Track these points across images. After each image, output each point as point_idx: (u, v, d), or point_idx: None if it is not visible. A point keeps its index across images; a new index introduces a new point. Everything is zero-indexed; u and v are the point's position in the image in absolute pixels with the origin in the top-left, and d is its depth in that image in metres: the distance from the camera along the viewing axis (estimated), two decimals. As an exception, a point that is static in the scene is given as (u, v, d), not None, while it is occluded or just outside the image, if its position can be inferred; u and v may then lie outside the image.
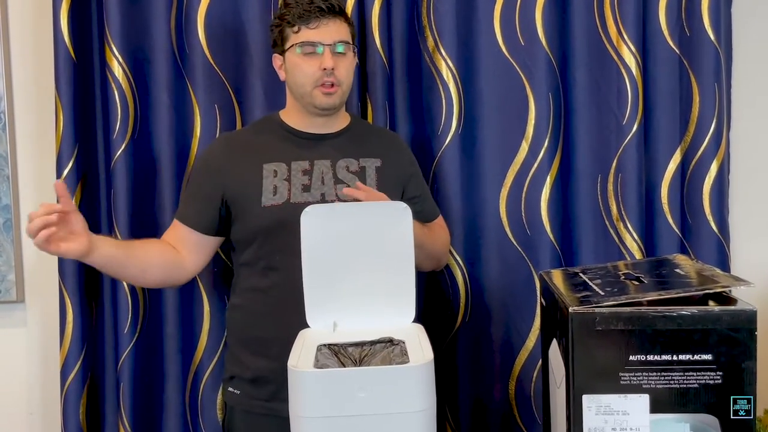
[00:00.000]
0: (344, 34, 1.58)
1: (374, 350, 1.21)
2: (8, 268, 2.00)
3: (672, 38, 1.87)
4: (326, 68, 1.53)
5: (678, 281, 1.12)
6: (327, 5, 1.55)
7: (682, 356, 0.99)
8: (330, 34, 1.55)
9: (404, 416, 1.05)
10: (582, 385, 1.02)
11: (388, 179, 1.63)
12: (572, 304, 1.03)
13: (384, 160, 1.64)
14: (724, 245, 1.90)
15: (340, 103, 1.60)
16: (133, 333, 1.89)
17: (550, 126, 1.87)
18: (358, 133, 1.68)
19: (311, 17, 1.54)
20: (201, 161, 1.69)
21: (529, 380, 1.90)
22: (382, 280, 1.28)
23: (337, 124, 1.66)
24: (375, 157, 1.64)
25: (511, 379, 1.91)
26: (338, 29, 1.57)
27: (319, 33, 1.55)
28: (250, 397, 1.60)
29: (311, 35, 1.55)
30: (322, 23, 1.55)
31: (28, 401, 2.07)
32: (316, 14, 1.54)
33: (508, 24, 1.87)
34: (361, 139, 1.67)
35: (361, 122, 1.78)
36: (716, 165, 1.87)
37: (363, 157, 1.63)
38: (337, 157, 1.61)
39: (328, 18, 1.55)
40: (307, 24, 1.55)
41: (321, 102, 1.57)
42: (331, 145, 1.63)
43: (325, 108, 1.59)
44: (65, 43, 1.84)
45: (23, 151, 2.01)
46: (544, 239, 1.89)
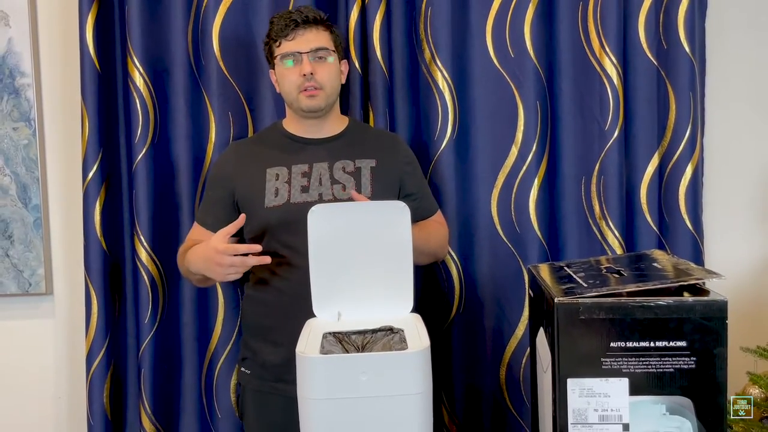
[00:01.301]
0: (323, 41, 1.59)
1: (375, 338, 1.21)
2: (38, 263, 2.00)
3: (650, 50, 1.87)
4: (305, 74, 1.56)
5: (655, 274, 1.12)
6: (302, 18, 1.58)
7: (659, 343, 1.00)
8: (307, 42, 1.58)
9: (403, 398, 1.06)
10: (567, 370, 1.02)
11: (382, 178, 1.63)
12: (558, 295, 1.03)
13: (379, 160, 1.64)
14: (698, 241, 1.90)
15: (326, 105, 1.61)
16: (153, 323, 1.90)
17: (538, 132, 1.87)
18: (355, 136, 1.69)
19: (289, 31, 1.58)
20: (214, 169, 1.71)
21: (518, 366, 1.90)
22: (383, 274, 1.28)
23: (334, 129, 1.67)
24: (370, 157, 1.64)
25: (501, 365, 1.92)
26: (316, 37, 1.59)
27: (296, 43, 1.58)
28: (259, 377, 1.61)
29: (290, 46, 1.58)
30: (298, 34, 1.58)
31: (55, 386, 2.07)
32: (292, 27, 1.57)
33: (499, 37, 1.88)
34: (358, 141, 1.68)
35: (359, 125, 1.78)
36: (691, 168, 1.88)
37: (358, 158, 1.63)
38: (333, 159, 1.62)
39: (304, 28, 1.58)
40: (286, 37, 1.58)
41: (305, 105, 1.59)
42: (328, 148, 1.64)
43: (311, 110, 1.60)
44: (90, 56, 1.84)
45: (51, 155, 2.02)
46: (532, 236, 1.89)
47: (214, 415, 1.94)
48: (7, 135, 1.98)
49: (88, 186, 1.87)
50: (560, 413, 1.03)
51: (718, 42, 1.97)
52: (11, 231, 1.99)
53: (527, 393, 1.89)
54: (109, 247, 1.91)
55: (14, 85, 1.97)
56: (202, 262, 1.50)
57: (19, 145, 1.98)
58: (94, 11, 1.84)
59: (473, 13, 1.87)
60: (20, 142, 1.98)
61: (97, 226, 1.88)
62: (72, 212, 2.00)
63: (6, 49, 1.96)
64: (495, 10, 1.87)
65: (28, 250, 2.00)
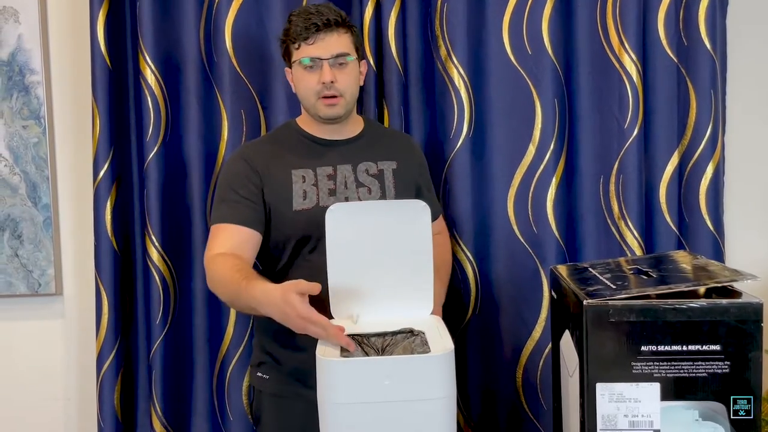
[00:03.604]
0: (344, 45, 1.53)
1: (395, 340, 1.19)
2: (47, 263, 1.99)
3: (670, 47, 1.85)
4: (325, 82, 1.50)
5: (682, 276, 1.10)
6: (323, 21, 1.50)
7: (692, 347, 0.97)
8: (327, 48, 1.51)
9: (426, 403, 1.04)
10: (595, 374, 1.00)
11: (403, 180, 1.61)
12: (586, 298, 1.01)
13: (399, 162, 1.63)
14: (719, 242, 1.87)
15: (345, 113, 1.56)
16: (164, 324, 1.88)
17: (556, 130, 1.85)
18: (374, 137, 1.66)
19: (309, 34, 1.50)
20: (235, 166, 1.57)
21: (535, 369, 1.87)
22: (402, 274, 1.26)
23: (353, 130, 1.64)
24: (391, 159, 1.62)
25: (518, 367, 1.89)
26: (337, 42, 1.52)
27: (316, 48, 1.51)
28: (278, 382, 1.58)
29: (310, 51, 1.51)
30: (319, 38, 1.50)
31: (65, 388, 2.06)
32: (313, 31, 1.50)
33: (516, 34, 1.85)
34: (377, 143, 1.65)
35: (375, 125, 1.75)
36: (712, 167, 1.85)
37: (380, 160, 1.61)
38: (357, 161, 1.59)
39: (324, 32, 1.51)
40: (306, 40, 1.51)
41: (324, 113, 1.54)
42: (350, 149, 1.61)
43: (329, 118, 1.55)
44: (101, 53, 1.83)
45: (62, 153, 2.00)
46: (549, 236, 1.86)
47: (226, 418, 1.92)
48: (17, 133, 1.96)
49: (99, 185, 1.86)
50: (589, 419, 1.01)
51: (739, 39, 1.94)
52: (21, 230, 1.97)
53: (545, 396, 1.87)
54: (119, 246, 1.89)
55: (24, 83, 1.95)
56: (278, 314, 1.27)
57: (29, 143, 1.96)
58: (105, 7, 1.82)
59: (490, 9, 1.85)
60: (30, 140, 1.96)
61: (108, 226, 1.86)
62: (82, 211, 1.99)
63: (16, 46, 1.94)
64: (512, 5, 1.84)
65: (38, 250, 1.98)
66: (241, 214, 1.51)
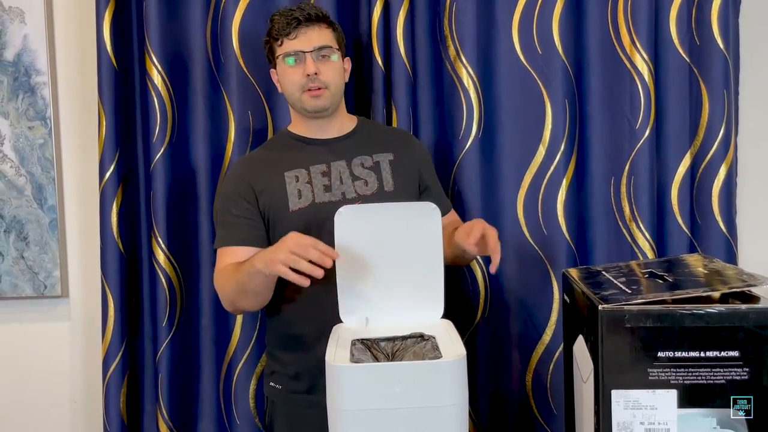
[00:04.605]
0: (326, 39, 1.55)
1: (405, 345, 1.18)
2: (53, 265, 1.98)
3: (682, 47, 1.82)
4: (309, 74, 1.52)
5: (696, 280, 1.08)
6: (304, 15, 1.53)
7: (710, 353, 0.95)
8: (310, 41, 1.53)
9: (438, 409, 1.02)
10: (611, 380, 0.98)
11: (402, 171, 1.60)
12: (601, 302, 0.99)
13: (396, 154, 1.62)
14: (732, 244, 1.84)
15: (331, 105, 1.57)
16: (170, 326, 1.87)
17: (566, 131, 1.83)
18: (368, 133, 1.66)
19: (291, 29, 1.53)
20: (228, 186, 1.60)
21: (545, 373, 1.85)
22: (412, 278, 1.25)
23: (345, 127, 1.64)
24: (387, 151, 1.61)
25: (528, 372, 1.87)
26: (319, 35, 1.54)
27: (299, 42, 1.53)
28: (291, 390, 1.57)
29: (293, 45, 1.53)
30: (300, 32, 1.53)
31: (71, 390, 2.05)
32: (294, 26, 1.53)
33: (525, 33, 1.83)
34: (372, 137, 1.65)
35: (370, 123, 1.75)
36: (725, 168, 1.82)
37: (375, 152, 1.60)
38: (351, 155, 1.59)
39: (306, 26, 1.53)
40: (288, 36, 1.53)
41: (310, 105, 1.55)
42: (342, 146, 1.60)
43: (316, 110, 1.56)
44: (108, 53, 1.82)
45: (68, 155, 2.00)
46: (559, 238, 1.84)
47: (232, 421, 1.91)
48: (23, 134, 1.95)
49: (105, 186, 1.84)
50: (603, 426, 0.99)
51: (752, 38, 1.92)
52: (26, 232, 1.96)
53: (555, 401, 1.85)
54: (126, 248, 1.88)
55: (30, 84, 1.94)
56: (269, 253, 1.32)
57: (34, 144, 1.95)
58: (111, 7, 1.81)
59: (499, 8, 1.83)
60: (36, 141, 1.95)
61: (114, 228, 1.85)
62: (88, 213, 1.97)
63: (21, 46, 1.93)
64: (522, 5, 1.82)
65: (44, 252, 1.97)
66: (239, 234, 1.54)
